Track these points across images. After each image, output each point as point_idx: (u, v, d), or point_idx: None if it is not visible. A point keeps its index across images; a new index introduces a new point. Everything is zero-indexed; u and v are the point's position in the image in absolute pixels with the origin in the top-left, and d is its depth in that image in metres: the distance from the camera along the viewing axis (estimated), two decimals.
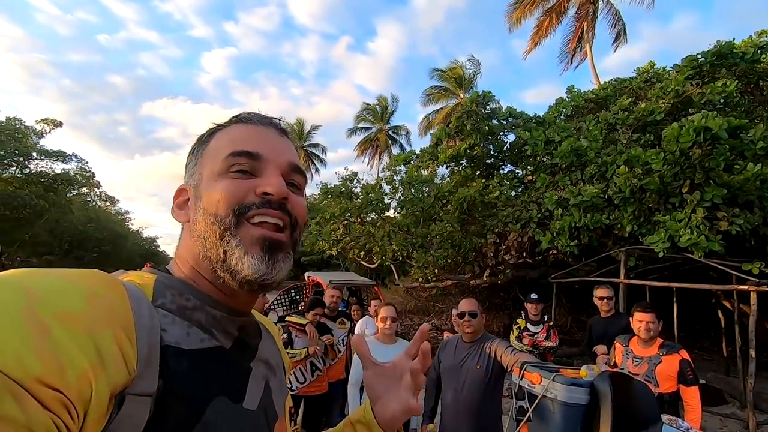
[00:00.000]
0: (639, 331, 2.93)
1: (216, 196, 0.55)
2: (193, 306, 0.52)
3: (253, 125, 0.61)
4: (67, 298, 0.39)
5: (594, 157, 7.21)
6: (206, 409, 0.47)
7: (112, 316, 0.41)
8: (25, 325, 0.35)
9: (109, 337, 0.40)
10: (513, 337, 4.60)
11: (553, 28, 19.07)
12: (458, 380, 2.58)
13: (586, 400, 1.71)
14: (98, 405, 0.38)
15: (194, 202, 0.58)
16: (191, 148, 0.63)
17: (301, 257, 21.20)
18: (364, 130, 35.72)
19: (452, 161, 10.03)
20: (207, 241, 0.54)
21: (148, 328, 0.44)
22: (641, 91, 9.11)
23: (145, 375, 0.42)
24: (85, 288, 0.41)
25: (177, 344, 0.48)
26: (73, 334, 0.37)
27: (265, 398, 0.58)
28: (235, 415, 0.51)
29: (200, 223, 0.55)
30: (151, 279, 0.52)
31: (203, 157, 0.60)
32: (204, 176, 0.58)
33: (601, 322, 4.12)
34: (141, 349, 0.42)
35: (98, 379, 0.38)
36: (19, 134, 17.07)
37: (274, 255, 0.55)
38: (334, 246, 10.67)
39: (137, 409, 0.41)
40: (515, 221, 7.88)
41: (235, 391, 0.53)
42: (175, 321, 0.49)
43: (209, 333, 0.52)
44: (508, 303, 11.23)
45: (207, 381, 0.49)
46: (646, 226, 6.17)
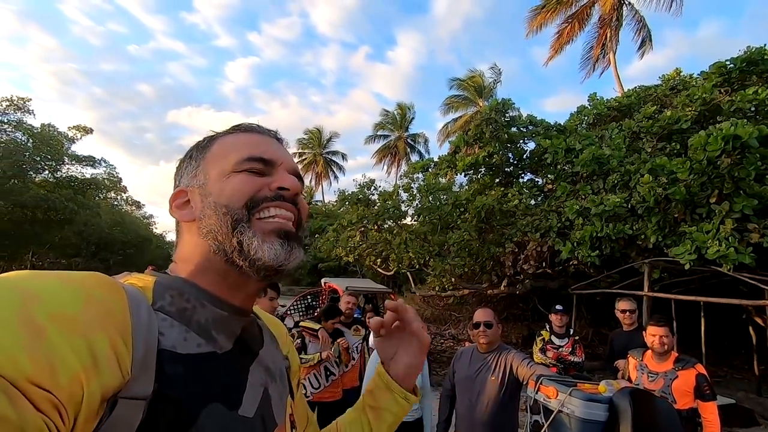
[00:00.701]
0: (653, 345, 2.86)
1: (230, 188, 0.57)
2: (192, 306, 0.52)
3: (258, 134, 0.64)
4: (63, 300, 0.39)
5: (617, 165, 7.04)
6: (199, 414, 0.46)
7: (108, 319, 0.41)
8: (19, 325, 0.35)
9: (104, 340, 0.40)
10: (536, 349, 4.45)
11: (575, 35, 18.83)
12: (473, 391, 2.54)
13: (605, 416, 1.65)
14: (89, 407, 0.38)
15: (202, 200, 0.58)
16: (188, 153, 0.64)
17: (318, 263, 21.33)
18: (382, 138, 35.95)
19: (470, 169, 9.96)
20: (219, 233, 0.55)
21: (145, 331, 0.44)
22: (666, 98, 8.89)
23: (139, 379, 0.42)
24: (81, 290, 0.41)
25: (173, 348, 0.47)
26: (67, 336, 0.37)
27: (263, 405, 0.57)
28: (229, 422, 0.50)
29: (211, 218, 0.56)
30: (151, 281, 0.52)
31: (207, 160, 0.60)
32: (212, 176, 0.59)
33: (623, 335, 3.99)
34: (137, 352, 0.42)
35: (90, 382, 0.38)
36: (53, 140, 17.79)
37: (291, 242, 0.57)
38: (351, 253, 10.69)
39: (129, 413, 0.40)
40: (534, 230, 7.74)
41: (231, 397, 0.52)
42: (174, 324, 0.49)
43: (207, 337, 0.52)
44: (526, 314, 11.02)
45: (202, 386, 0.48)
46: (671, 237, 5.97)
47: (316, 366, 3.48)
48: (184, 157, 0.64)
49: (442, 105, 27.47)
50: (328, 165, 40.12)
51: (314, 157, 39.90)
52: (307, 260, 20.85)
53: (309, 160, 40.08)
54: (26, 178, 17.47)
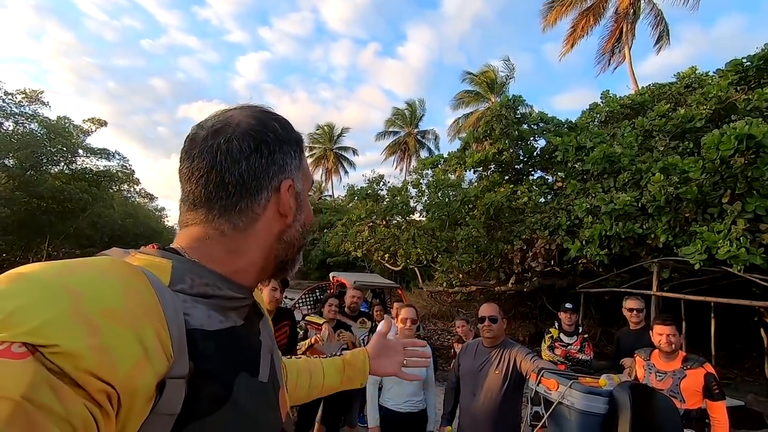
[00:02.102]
0: (660, 344, 2.84)
1: (307, 216, 0.67)
2: (212, 289, 0.54)
3: None
4: (108, 296, 0.41)
5: (628, 164, 6.98)
6: (233, 385, 0.50)
7: (147, 309, 0.43)
8: (74, 323, 0.37)
9: (150, 329, 0.42)
10: (545, 347, 4.46)
11: (590, 29, 18.57)
12: (476, 384, 2.57)
13: (605, 409, 1.67)
14: (146, 394, 0.41)
15: (297, 209, 0.65)
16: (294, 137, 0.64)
17: (327, 258, 21.44)
18: (392, 134, 35.89)
19: (480, 166, 9.93)
20: (291, 247, 0.65)
21: (173, 314, 0.46)
22: (681, 96, 8.75)
23: (178, 359, 0.44)
24: (120, 284, 0.43)
25: (202, 327, 0.50)
26: (120, 331, 0.39)
27: (272, 370, 0.62)
28: (255, 388, 0.55)
29: (296, 231, 0.65)
30: (167, 264, 0.52)
31: (301, 169, 0.66)
32: (303, 190, 0.66)
33: (630, 334, 3.98)
34: (173, 335, 0.45)
35: (146, 372, 0.41)
36: (67, 133, 18.10)
37: None
38: (359, 248, 10.76)
39: (175, 392, 0.43)
40: (543, 228, 7.71)
41: (253, 366, 0.57)
42: (196, 305, 0.51)
43: (225, 314, 0.55)
44: (534, 312, 10.98)
45: (231, 359, 0.52)
46: (681, 236, 5.91)
47: (313, 351, 3.49)
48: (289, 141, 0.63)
49: (453, 100, 27.25)
50: (338, 160, 40.20)
51: (325, 152, 40.01)
52: (316, 255, 20.92)
53: (319, 155, 40.21)
54: (42, 169, 17.84)
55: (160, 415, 0.42)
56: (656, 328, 2.88)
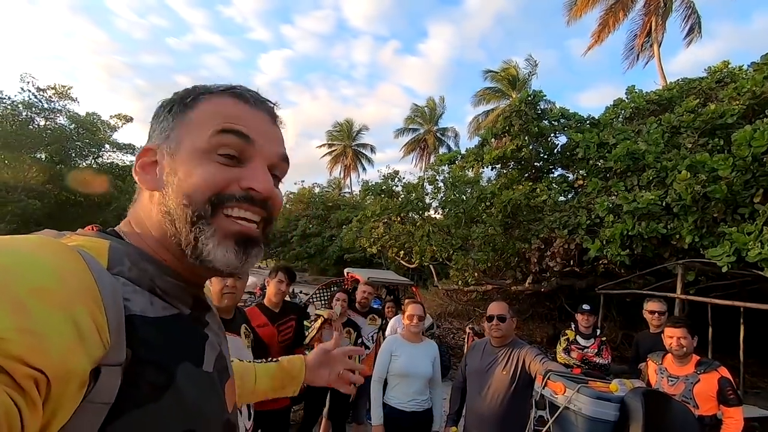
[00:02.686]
0: (671, 347, 2.71)
1: (196, 178, 0.52)
2: (150, 275, 0.51)
3: (247, 104, 0.57)
4: (41, 274, 0.37)
5: (653, 161, 6.70)
6: (176, 373, 0.48)
7: (82, 290, 0.40)
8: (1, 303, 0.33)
9: (84, 312, 0.39)
10: (560, 349, 4.31)
11: (618, 24, 17.97)
12: (483, 384, 2.49)
13: (615, 416, 1.57)
14: (79, 380, 0.37)
15: (168, 174, 0.54)
16: (167, 103, 0.58)
17: (344, 254, 21.51)
18: (412, 131, 35.74)
19: (498, 162, 9.74)
20: (177, 222, 0.52)
21: (112, 298, 0.43)
22: (712, 92, 8.35)
23: (114, 345, 0.41)
24: (55, 263, 0.39)
25: (143, 313, 0.47)
26: (52, 312, 0.36)
27: (218, 360, 0.60)
28: (199, 378, 0.53)
29: (172, 200, 0.53)
30: (104, 245, 0.49)
31: (185, 123, 0.55)
32: (183, 147, 0.54)
33: (650, 337, 3.81)
34: (110, 320, 0.42)
35: (79, 356, 0.37)
36: (95, 128, 18.70)
37: (248, 250, 0.55)
38: (374, 244, 10.72)
39: (110, 379, 0.41)
40: (562, 227, 7.49)
41: (196, 355, 0.54)
42: (137, 290, 0.48)
43: (168, 302, 0.53)
44: (552, 313, 10.74)
45: (173, 347, 0.50)
46: (708, 237, 5.64)
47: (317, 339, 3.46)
48: (162, 107, 0.58)
49: (474, 97, 26.97)
50: (357, 157, 40.28)
51: (343, 149, 40.14)
52: (334, 251, 21.01)
53: (338, 152, 40.37)
54: (71, 163, 18.51)
55: (94, 403, 0.39)
56: (667, 330, 2.77)
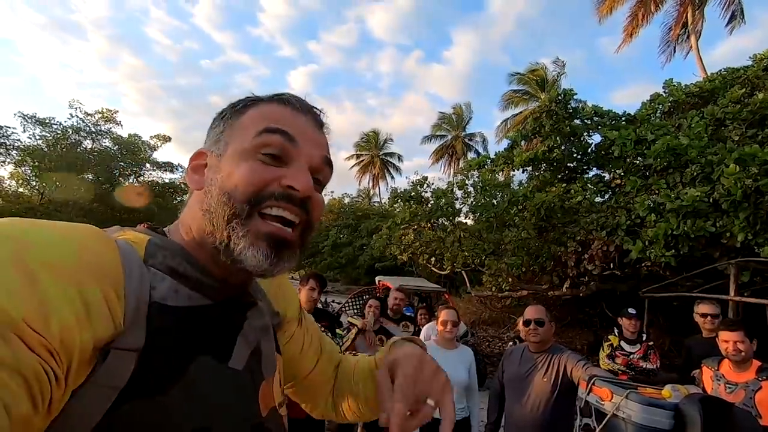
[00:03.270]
0: (727, 352, 2.52)
1: (237, 176, 0.52)
2: (184, 270, 0.52)
3: (293, 109, 0.59)
4: (58, 250, 0.39)
5: (696, 156, 6.34)
6: (189, 365, 0.47)
7: (102, 271, 0.42)
8: (13, 271, 0.35)
9: (97, 292, 0.40)
10: (603, 356, 4.09)
11: (651, 17, 17.27)
12: (523, 392, 2.40)
13: (669, 424, 1.46)
14: (81, 355, 0.38)
15: (212, 173, 0.55)
16: (221, 111, 0.61)
17: (375, 263, 21.53)
18: (439, 138, 35.61)
19: (529, 165, 9.50)
20: (215, 219, 0.52)
21: (137, 284, 0.45)
22: (759, 80, 7.86)
23: (131, 331, 0.42)
24: (76, 241, 0.42)
25: (164, 300, 0.48)
26: (60, 285, 0.37)
27: (253, 359, 0.57)
28: (219, 374, 0.51)
29: (213, 198, 0.53)
30: (145, 239, 0.52)
31: (233, 127, 0.57)
32: (230, 149, 0.55)
33: (703, 342, 3.55)
34: (129, 305, 0.43)
35: (82, 331, 0.38)
36: (137, 148, 19.71)
37: (280, 253, 0.52)
38: (404, 251, 10.65)
39: (122, 363, 0.41)
40: (600, 228, 7.19)
41: (221, 350, 0.53)
42: (165, 278, 0.50)
43: (194, 292, 0.52)
44: (593, 319, 10.29)
45: (192, 338, 0.49)
46: (763, 234, 5.26)
47: None
48: (217, 115, 0.61)
49: (501, 101, 26.52)
50: (384, 166, 40.48)
51: (371, 158, 40.46)
52: (365, 260, 21.06)
53: (366, 162, 40.73)
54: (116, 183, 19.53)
55: (101, 386, 0.40)
56: (722, 334, 2.58)
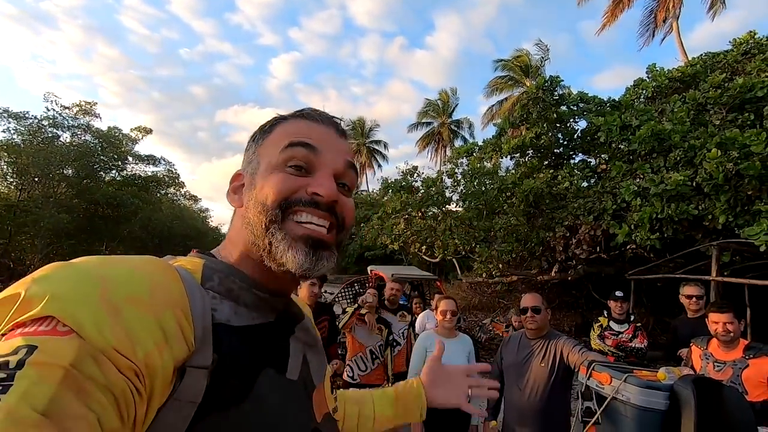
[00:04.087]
0: (717, 332, 2.63)
1: (268, 188, 0.58)
2: (238, 288, 0.56)
3: (315, 122, 0.64)
4: (135, 286, 0.44)
5: (679, 141, 6.50)
6: (257, 379, 0.51)
7: (171, 300, 0.47)
8: (102, 307, 0.40)
9: (171, 318, 0.45)
10: (594, 336, 4.24)
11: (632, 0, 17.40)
12: (521, 378, 2.48)
13: (665, 405, 1.54)
14: (164, 376, 0.43)
15: (248, 189, 0.61)
16: (253, 134, 0.66)
17: (364, 252, 21.62)
18: (425, 125, 35.49)
19: (517, 152, 9.60)
20: (255, 229, 0.57)
21: (200, 308, 0.49)
22: (738, 65, 8.04)
23: (201, 350, 0.47)
24: (148, 276, 0.47)
25: (227, 322, 0.52)
26: (141, 316, 0.43)
27: (304, 369, 0.62)
28: (281, 385, 0.56)
29: (251, 211, 0.58)
30: (199, 264, 0.56)
31: (263, 146, 0.62)
32: (261, 166, 0.61)
33: (688, 323, 3.70)
34: (197, 327, 0.47)
35: (163, 354, 0.43)
36: (118, 141, 19.21)
37: (318, 252, 0.57)
38: (395, 240, 10.72)
39: (196, 380, 0.45)
40: (587, 213, 7.35)
41: (280, 362, 0.58)
42: (224, 301, 0.54)
43: (252, 311, 0.57)
44: (580, 301, 10.58)
45: (256, 354, 0.54)
46: (743, 216, 5.45)
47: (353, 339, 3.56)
48: (250, 138, 0.66)
49: (486, 87, 26.52)
50: (371, 155, 40.32)
51: (357, 147, 40.22)
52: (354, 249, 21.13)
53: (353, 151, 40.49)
54: (97, 177, 19.06)
55: (181, 401, 0.44)
56: (711, 315, 2.69)
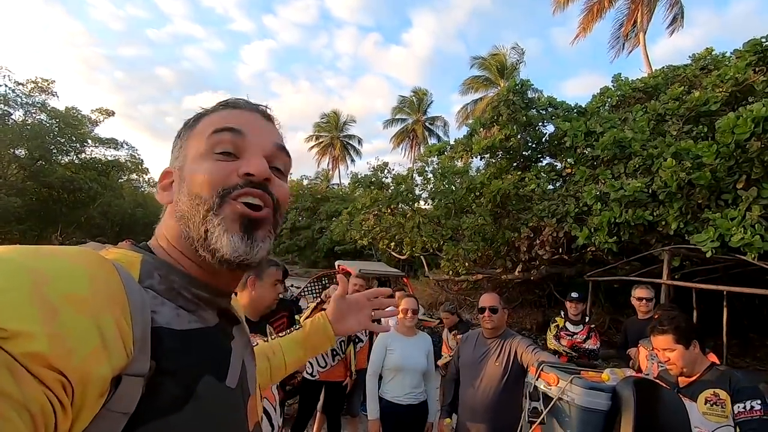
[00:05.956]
0: None
1: (199, 177, 0.55)
2: (179, 287, 0.53)
3: (239, 109, 0.62)
4: (73, 281, 0.39)
5: (639, 149, 6.78)
6: (197, 387, 0.48)
7: (111, 300, 0.42)
8: (33, 305, 0.35)
9: (110, 321, 0.40)
10: (550, 336, 4.39)
11: (605, 12, 18.03)
12: (476, 376, 2.52)
13: (607, 405, 1.60)
14: (100, 386, 0.38)
15: (178, 184, 0.58)
16: (178, 131, 0.64)
17: (335, 246, 21.49)
18: (400, 122, 35.55)
19: (487, 152, 9.75)
20: (190, 220, 0.55)
21: (141, 310, 0.45)
22: (696, 79, 8.45)
23: (138, 356, 0.43)
24: (87, 271, 0.41)
25: (168, 325, 0.49)
26: (79, 318, 0.37)
27: (242, 376, 0.60)
28: (220, 392, 0.53)
29: (184, 204, 0.56)
30: (137, 258, 0.52)
31: (188, 139, 0.61)
32: (188, 158, 0.59)
33: (638, 323, 3.89)
34: (136, 331, 0.43)
35: (101, 362, 0.38)
36: (76, 121, 18.21)
37: (254, 233, 0.55)
38: (365, 236, 10.71)
39: (131, 389, 0.41)
40: (551, 215, 7.57)
41: (220, 369, 0.55)
42: (165, 303, 0.50)
43: (195, 314, 0.54)
44: (542, 300, 10.91)
45: (197, 360, 0.51)
46: (693, 223, 5.75)
47: None
48: (176, 136, 0.64)
49: (462, 86, 26.85)
50: (345, 149, 40.04)
51: (331, 140, 39.84)
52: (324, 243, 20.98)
53: (326, 144, 40.05)
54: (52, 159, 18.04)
55: (112, 412, 0.40)
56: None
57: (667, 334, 1.96)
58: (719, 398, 1.85)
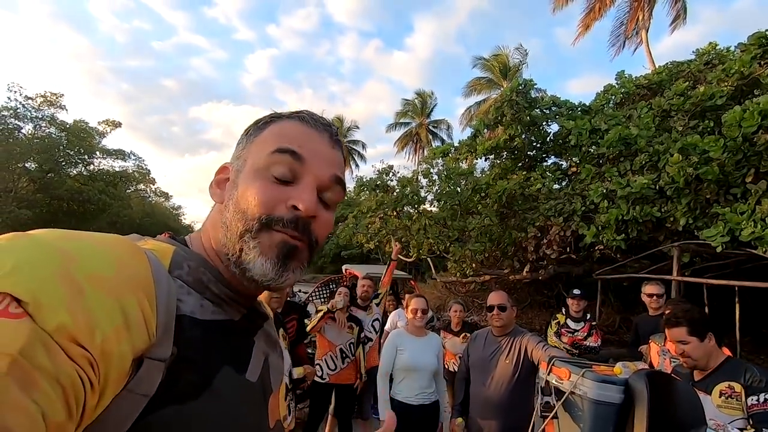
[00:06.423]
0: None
1: (250, 195, 0.55)
2: (208, 280, 0.54)
3: (308, 126, 0.61)
4: (99, 262, 0.41)
5: (645, 146, 6.73)
6: (214, 376, 0.49)
7: (137, 283, 0.43)
8: (60, 284, 0.36)
9: (134, 303, 0.42)
10: (551, 332, 4.38)
11: (606, 10, 17.97)
12: (486, 374, 2.51)
13: (620, 398, 1.59)
14: (121, 366, 0.40)
15: (231, 189, 0.58)
16: (246, 128, 0.64)
17: (341, 251, 21.53)
18: (404, 125, 35.63)
19: (491, 153, 9.74)
20: (229, 231, 0.56)
21: (166, 296, 0.46)
22: (701, 74, 8.39)
23: (161, 342, 0.44)
24: (114, 253, 0.43)
25: (192, 314, 0.50)
26: (103, 297, 0.39)
27: (263, 372, 0.60)
28: (238, 385, 0.54)
29: (230, 212, 0.56)
30: (170, 249, 0.54)
31: (253, 143, 0.60)
32: (247, 165, 0.58)
33: (649, 320, 3.85)
34: (160, 316, 0.44)
35: (122, 342, 0.39)
36: (85, 134, 18.47)
37: (288, 263, 0.55)
38: (371, 239, 10.72)
39: (152, 373, 0.42)
40: (557, 214, 7.54)
41: (240, 362, 0.56)
42: (191, 292, 0.52)
43: (219, 307, 0.55)
44: (550, 300, 10.83)
45: (217, 351, 0.52)
46: (702, 219, 5.69)
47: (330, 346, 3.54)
48: (245, 131, 0.64)
49: (465, 87, 26.89)
50: (349, 154, 40.21)
51: None
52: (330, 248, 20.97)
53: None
54: (62, 172, 18.29)
55: (133, 393, 0.41)
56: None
57: (681, 326, 1.94)
58: (734, 391, 1.83)
